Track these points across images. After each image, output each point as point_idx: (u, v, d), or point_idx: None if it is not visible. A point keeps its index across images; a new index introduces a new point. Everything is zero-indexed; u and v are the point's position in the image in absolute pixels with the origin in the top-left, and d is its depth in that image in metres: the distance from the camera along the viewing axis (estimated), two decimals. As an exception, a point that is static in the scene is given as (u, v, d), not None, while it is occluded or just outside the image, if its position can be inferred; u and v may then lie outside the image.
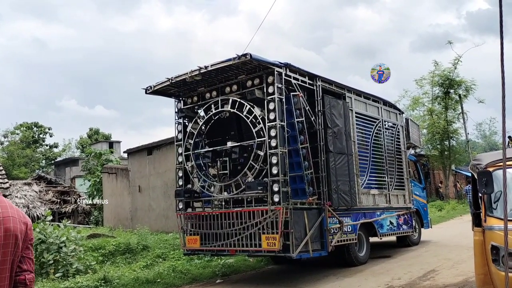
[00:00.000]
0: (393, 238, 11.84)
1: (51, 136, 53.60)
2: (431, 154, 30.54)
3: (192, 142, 8.99)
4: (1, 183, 12.34)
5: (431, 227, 13.55)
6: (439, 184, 31.74)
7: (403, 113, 12.93)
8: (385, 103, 11.45)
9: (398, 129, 11.82)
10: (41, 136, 52.70)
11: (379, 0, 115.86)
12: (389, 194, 10.81)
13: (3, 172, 13.40)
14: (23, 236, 2.05)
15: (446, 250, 11.02)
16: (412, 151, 13.75)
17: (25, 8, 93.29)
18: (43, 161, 49.26)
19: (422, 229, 12.84)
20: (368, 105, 10.71)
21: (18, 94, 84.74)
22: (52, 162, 48.96)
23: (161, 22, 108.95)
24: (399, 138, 11.80)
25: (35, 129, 51.88)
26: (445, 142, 29.83)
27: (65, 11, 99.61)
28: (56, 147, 53.21)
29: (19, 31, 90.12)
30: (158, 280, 8.72)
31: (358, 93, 10.36)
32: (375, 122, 10.75)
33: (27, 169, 41.08)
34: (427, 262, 9.33)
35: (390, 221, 10.73)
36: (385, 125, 11.21)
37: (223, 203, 8.79)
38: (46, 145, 52.58)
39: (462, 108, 29.82)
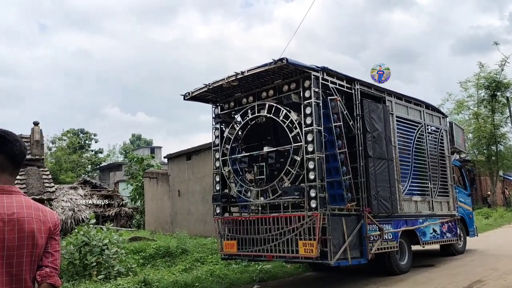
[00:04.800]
0: (436, 246, 11.43)
1: (96, 142, 55.57)
2: (477, 160, 29.37)
3: (229, 147, 9.04)
4: (48, 187, 12.86)
5: (477, 236, 12.98)
6: (488, 193, 30.43)
7: (446, 116, 12.48)
8: (428, 106, 11.09)
9: (442, 133, 11.41)
10: (87, 142, 54.71)
11: (416, 4, 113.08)
12: (432, 200, 10.44)
13: (50, 176, 13.97)
14: (44, 235, 2.05)
15: (493, 259, 10.52)
16: (456, 156, 13.24)
17: (70, 21, 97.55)
18: (89, 166, 51.00)
19: (468, 238, 12.31)
20: (410, 109, 10.40)
21: (64, 103, 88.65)
22: (97, 167, 50.65)
23: (198, 31, 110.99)
24: (442, 143, 11.38)
25: (81, 135, 53.96)
26: (492, 147, 28.63)
27: (107, 23, 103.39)
28: (101, 152, 55.07)
29: (65, 42, 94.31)
30: (196, 284, 8.79)
31: (399, 96, 10.09)
32: (417, 126, 10.43)
33: (73, 173, 42.67)
34: (473, 272, 8.93)
35: (433, 228, 10.36)
36: (427, 129, 10.85)
37: (260, 208, 8.76)
38: (92, 151, 54.52)
39: (510, 111, 28.45)
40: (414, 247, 10.12)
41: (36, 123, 15.24)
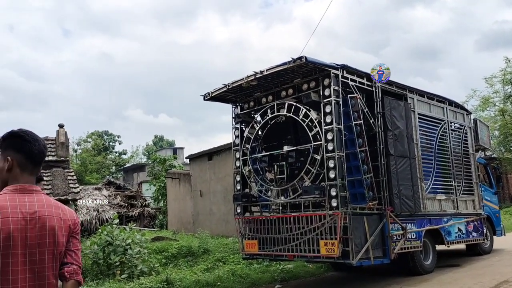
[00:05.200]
0: (462, 246, 11.19)
1: (120, 144, 56.56)
2: (503, 157, 28.60)
3: (249, 146, 9.05)
4: (72, 187, 13.13)
5: (505, 235, 12.65)
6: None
7: (471, 113, 12.21)
8: (451, 103, 10.87)
9: (466, 130, 11.16)
10: (111, 143, 55.67)
11: (438, 0, 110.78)
12: (456, 199, 10.23)
13: (75, 177, 14.26)
14: (65, 232, 2.09)
15: (522, 260, 10.24)
16: (481, 154, 12.94)
17: (92, 25, 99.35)
18: (113, 167, 51.85)
19: (494, 237, 12.01)
20: (432, 106, 10.21)
21: (88, 106, 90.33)
22: (121, 168, 51.44)
23: (217, 32, 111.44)
24: (466, 140, 11.13)
25: (105, 137, 54.93)
26: (519, 144, 27.85)
27: (128, 27, 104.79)
28: (124, 154, 55.92)
29: (87, 46, 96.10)
30: (218, 283, 8.83)
31: (421, 93, 9.92)
32: (440, 123, 10.23)
33: (98, 175, 43.46)
34: (500, 272, 8.70)
35: (458, 228, 10.14)
36: (451, 126, 10.63)
37: (281, 208, 8.75)
38: (116, 152, 55.44)
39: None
40: (439, 247, 9.94)
41: (61, 126, 15.58)
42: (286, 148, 8.49)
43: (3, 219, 1.92)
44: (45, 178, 13.40)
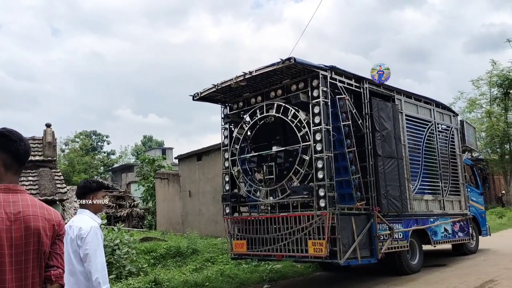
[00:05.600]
0: (448, 246, 11.33)
1: (108, 144, 56.19)
2: (490, 158, 29.02)
3: (238, 147, 9.06)
4: (60, 188, 13.02)
5: (490, 235, 12.84)
6: (502, 192, 30.01)
7: (457, 115, 12.37)
8: (438, 105, 11.00)
9: (453, 132, 11.31)
10: (99, 143, 55.29)
11: (426, 2, 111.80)
12: (443, 199, 10.35)
13: (62, 177, 14.13)
14: (49, 233, 2.08)
15: (506, 259, 10.39)
16: (468, 155, 13.11)
17: (82, 24, 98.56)
18: (101, 168, 51.51)
19: (480, 237, 12.19)
20: (420, 107, 10.33)
21: (77, 105, 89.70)
22: (110, 168, 51.13)
23: (209, 32, 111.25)
24: (453, 142, 11.28)
25: (93, 137, 54.57)
26: (505, 145, 28.23)
27: (119, 26, 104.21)
28: (113, 154, 55.63)
29: (77, 45, 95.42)
30: (207, 283, 8.83)
31: (408, 95, 10.02)
32: (427, 124, 10.35)
33: (86, 175, 43.08)
34: (485, 272, 8.83)
35: (444, 228, 10.27)
36: (438, 128, 10.76)
37: (269, 208, 8.78)
38: (104, 152, 55.09)
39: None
40: (426, 247, 10.04)
41: (48, 125, 15.42)
42: (275, 148, 8.52)
43: None
44: (31, 178, 13.26)
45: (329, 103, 7.72)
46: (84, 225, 3.39)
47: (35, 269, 2.02)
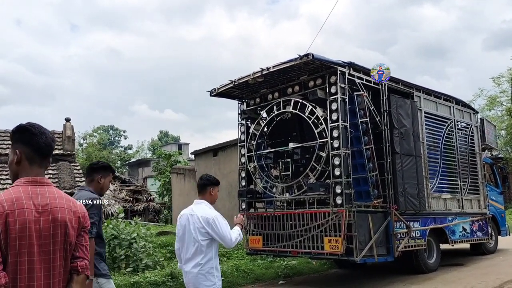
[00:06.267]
0: (466, 245, 11.17)
1: (125, 139, 56.79)
2: (510, 157, 28.46)
3: (254, 143, 9.07)
4: (79, 181, 13.22)
5: (510, 235, 12.61)
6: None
7: (477, 112, 12.16)
8: (458, 102, 10.83)
9: (472, 129, 11.12)
10: (116, 138, 55.91)
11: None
12: (462, 198, 10.21)
13: (81, 171, 14.35)
14: (75, 225, 2.14)
15: (526, 260, 10.21)
16: (488, 153, 12.89)
17: (100, 20, 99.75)
18: (118, 162, 52.04)
19: (499, 237, 11.99)
20: (439, 105, 10.18)
21: (94, 100, 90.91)
22: (127, 163, 51.67)
23: (225, 29, 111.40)
24: (473, 140, 11.10)
25: (111, 131, 55.20)
26: (526, 144, 27.69)
27: (136, 23, 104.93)
28: (130, 148, 56.17)
29: (95, 41, 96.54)
30: (222, 278, 8.82)
31: (428, 92, 9.89)
32: (446, 122, 10.20)
33: (104, 169, 43.50)
34: (504, 272, 8.69)
35: (463, 227, 10.13)
36: (457, 125, 10.59)
37: (285, 204, 8.77)
38: (121, 147, 55.70)
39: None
40: (444, 246, 9.93)
41: (67, 120, 15.65)
42: (291, 145, 8.50)
43: (19, 210, 1.96)
44: (50, 172, 13.50)
45: (347, 100, 7.66)
46: (207, 213, 4.13)
47: (61, 260, 2.08)
